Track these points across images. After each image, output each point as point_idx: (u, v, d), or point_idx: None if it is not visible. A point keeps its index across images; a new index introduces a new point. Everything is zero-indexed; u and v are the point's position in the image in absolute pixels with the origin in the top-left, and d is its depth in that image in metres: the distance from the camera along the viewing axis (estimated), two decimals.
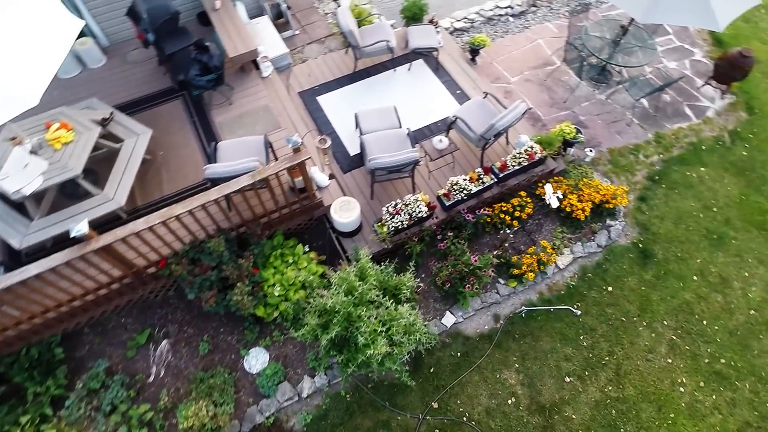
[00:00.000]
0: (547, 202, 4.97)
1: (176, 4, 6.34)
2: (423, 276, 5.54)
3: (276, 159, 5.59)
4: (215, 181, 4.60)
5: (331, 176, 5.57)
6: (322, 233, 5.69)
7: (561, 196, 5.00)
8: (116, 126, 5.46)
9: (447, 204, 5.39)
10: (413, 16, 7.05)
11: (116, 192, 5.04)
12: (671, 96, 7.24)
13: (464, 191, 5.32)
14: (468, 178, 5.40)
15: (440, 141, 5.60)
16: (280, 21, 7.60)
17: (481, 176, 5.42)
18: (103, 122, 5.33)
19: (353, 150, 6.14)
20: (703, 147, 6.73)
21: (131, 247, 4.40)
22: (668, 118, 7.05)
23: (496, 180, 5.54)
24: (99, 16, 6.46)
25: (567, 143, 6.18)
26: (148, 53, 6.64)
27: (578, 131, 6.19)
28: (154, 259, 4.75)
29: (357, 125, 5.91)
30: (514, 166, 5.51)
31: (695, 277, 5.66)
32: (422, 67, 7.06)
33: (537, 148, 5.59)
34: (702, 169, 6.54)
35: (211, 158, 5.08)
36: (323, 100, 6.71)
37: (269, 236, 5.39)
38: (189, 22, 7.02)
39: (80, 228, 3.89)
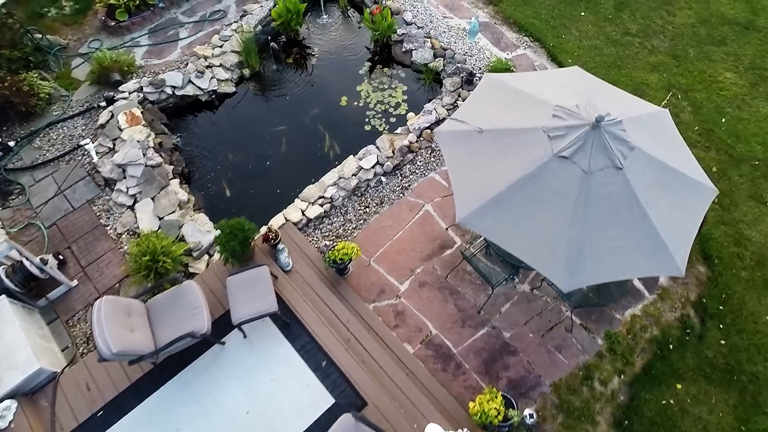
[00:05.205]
0: None
1: None
2: None
3: None
4: None
5: None
6: None
7: None
8: None
9: None
10: (234, 253, 4.62)
11: None
12: None
13: None
14: None
15: None
16: (34, 284, 4.92)
17: None
18: None
19: None
20: (671, 345, 4.94)
21: None
22: (615, 303, 5.21)
23: None
24: None
25: (494, 428, 4.13)
26: None
27: (509, 404, 4.14)
28: None
29: None
30: None
31: None
32: (265, 325, 4.68)
33: None
34: (679, 386, 4.73)
35: None
36: None
37: None
38: None
39: None
